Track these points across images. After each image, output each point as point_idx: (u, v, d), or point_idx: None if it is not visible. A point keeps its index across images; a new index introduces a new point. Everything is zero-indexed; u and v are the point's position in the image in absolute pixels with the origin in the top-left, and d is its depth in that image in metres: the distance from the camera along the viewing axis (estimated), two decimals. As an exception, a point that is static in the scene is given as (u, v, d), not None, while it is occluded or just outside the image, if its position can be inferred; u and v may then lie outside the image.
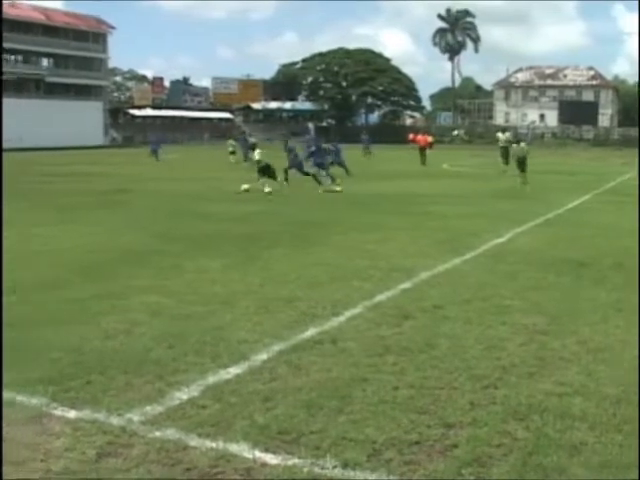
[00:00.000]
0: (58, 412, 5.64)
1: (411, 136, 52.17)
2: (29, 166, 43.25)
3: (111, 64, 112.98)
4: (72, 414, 5.59)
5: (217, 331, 7.78)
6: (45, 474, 4.69)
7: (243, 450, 4.97)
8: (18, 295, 9.53)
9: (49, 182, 30.90)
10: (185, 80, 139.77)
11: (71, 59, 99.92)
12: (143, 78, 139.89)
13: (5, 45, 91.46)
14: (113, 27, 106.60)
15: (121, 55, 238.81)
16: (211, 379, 6.30)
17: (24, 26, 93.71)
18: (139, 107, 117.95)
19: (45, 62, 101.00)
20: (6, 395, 5.94)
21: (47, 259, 12.51)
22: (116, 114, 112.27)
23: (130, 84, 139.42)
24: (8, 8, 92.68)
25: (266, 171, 25.36)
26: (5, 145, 59.72)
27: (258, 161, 25.88)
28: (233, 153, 48.08)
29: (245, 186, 24.68)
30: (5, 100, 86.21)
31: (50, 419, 5.53)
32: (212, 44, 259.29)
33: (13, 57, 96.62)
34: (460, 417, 5.55)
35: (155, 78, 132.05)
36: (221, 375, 6.39)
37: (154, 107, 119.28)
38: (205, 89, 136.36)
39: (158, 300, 9.20)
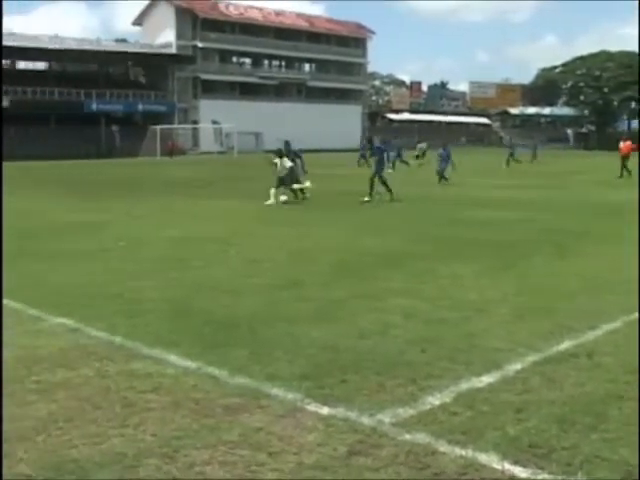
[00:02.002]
0: (312, 408, 5.78)
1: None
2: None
3: (370, 68, 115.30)
4: (325, 410, 5.71)
5: (471, 338, 7.71)
6: (297, 466, 4.83)
7: (492, 461, 4.88)
8: (284, 291, 10.03)
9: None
10: (442, 84, 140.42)
11: (332, 64, 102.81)
12: (401, 83, 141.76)
13: (270, 51, 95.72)
14: (373, 32, 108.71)
15: (380, 59, 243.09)
16: (463, 386, 6.24)
17: (288, 33, 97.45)
18: (396, 111, 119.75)
19: (307, 67, 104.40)
20: (264, 388, 6.20)
21: (313, 257, 13.08)
22: (374, 118, 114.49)
23: (388, 88, 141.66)
24: (275, 16, 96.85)
25: (286, 180, 24.04)
26: (270, 147, 62.04)
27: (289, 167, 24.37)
28: (418, 157, 48.06)
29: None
30: (266, 104, 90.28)
31: (304, 414, 5.67)
32: (470, 47, 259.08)
33: (277, 62, 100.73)
34: None
35: (413, 82, 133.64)
36: (473, 383, 6.32)
37: (411, 111, 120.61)
38: (462, 93, 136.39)
39: (412, 303, 9.25)
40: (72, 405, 5.88)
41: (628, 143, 40.88)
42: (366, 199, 23.75)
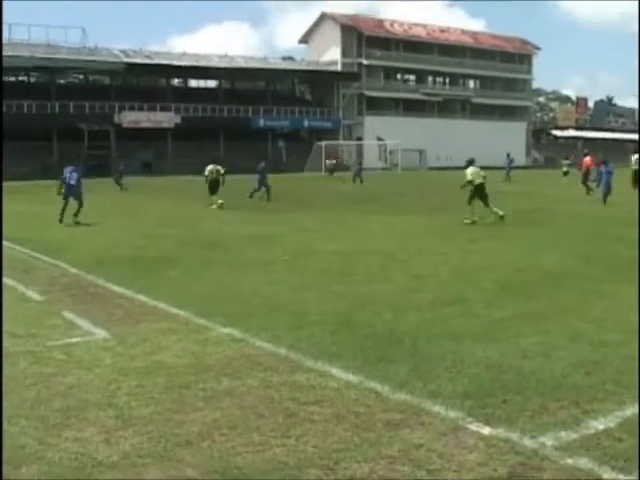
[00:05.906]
0: (473, 427, 5.76)
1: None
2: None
3: (535, 85, 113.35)
4: (486, 430, 5.67)
5: (635, 361, 7.44)
6: (461, 486, 4.82)
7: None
8: (448, 308, 10.04)
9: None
10: (609, 100, 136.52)
11: (496, 80, 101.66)
12: (566, 99, 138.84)
13: (434, 68, 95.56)
14: (538, 48, 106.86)
15: (544, 75, 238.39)
16: (628, 411, 6.06)
17: (453, 50, 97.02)
18: (562, 128, 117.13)
19: (472, 84, 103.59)
20: (425, 405, 6.22)
21: (477, 274, 12.98)
22: (538, 135, 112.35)
23: (553, 105, 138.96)
24: (439, 33, 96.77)
25: (214, 188, 28.52)
26: (433, 164, 62.13)
27: (206, 176, 28.77)
28: (566, 174, 46.35)
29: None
30: (430, 120, 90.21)
31: (465, 433, 5.66)
32: (635, 60, 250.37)
33: (441, 79, 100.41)
34: None
35: (579, 99, 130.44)
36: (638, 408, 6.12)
37: (577, 128, 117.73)
38: (630, 110, 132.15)
39: (577, 324, 9.06)
40: (236, 413, 6.08)
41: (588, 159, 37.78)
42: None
